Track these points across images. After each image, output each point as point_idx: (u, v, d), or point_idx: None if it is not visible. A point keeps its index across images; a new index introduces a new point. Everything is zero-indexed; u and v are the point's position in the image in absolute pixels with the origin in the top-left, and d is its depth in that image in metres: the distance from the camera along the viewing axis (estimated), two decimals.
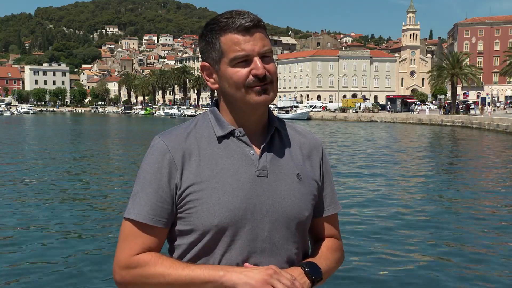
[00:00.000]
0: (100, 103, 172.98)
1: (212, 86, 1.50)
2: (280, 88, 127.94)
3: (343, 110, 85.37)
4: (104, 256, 7.85)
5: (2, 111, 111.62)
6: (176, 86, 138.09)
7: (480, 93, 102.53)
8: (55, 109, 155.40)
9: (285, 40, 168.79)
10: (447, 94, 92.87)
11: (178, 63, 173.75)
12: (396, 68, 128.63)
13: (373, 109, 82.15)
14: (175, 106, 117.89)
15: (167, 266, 1.38)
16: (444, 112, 64.56)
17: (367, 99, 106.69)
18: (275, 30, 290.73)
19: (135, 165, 19.12)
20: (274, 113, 1.46)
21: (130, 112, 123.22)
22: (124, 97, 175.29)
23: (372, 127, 53.15)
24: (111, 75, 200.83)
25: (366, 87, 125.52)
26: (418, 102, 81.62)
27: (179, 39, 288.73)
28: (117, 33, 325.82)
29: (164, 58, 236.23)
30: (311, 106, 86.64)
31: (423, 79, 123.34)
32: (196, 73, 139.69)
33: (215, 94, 1.55)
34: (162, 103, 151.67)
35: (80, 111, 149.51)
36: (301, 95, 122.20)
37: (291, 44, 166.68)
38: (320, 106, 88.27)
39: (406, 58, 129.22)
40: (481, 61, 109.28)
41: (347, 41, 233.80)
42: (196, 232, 1.42)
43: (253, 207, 1.42)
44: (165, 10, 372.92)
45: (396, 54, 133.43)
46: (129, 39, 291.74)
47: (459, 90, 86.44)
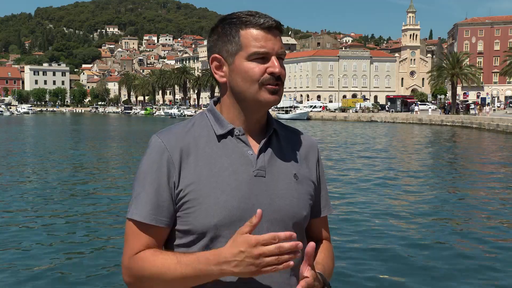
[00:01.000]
0: (100, 103, 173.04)
1: (220, 79, 1.50)
2: None
3: (343, 110, 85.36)
4: (104, 256, 7.85)
5: (2, 111, 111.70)
6: (176, 86, 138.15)
7: (480, 93, 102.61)
8: (55, 109, 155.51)
9: (285, 40, 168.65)
10: (447, 94, 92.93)
11: (178, 63, 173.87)
12: (396, 68, 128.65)
13: (373, 109, 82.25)
14: (175, 106, 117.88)
15: (160, 263, 1.37)
16: (443, 112, 64.56)
17: (367, 99, 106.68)
18: None
19: (135, 165, 19.11)
20: (274, 113, 1.57)
21: (130, 112, 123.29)
22: (124, 97, 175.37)
23: (372, 127, 53.14)
24: (111, 75, 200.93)
25: (366, 87, 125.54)
26: (418, 102, 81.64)
27: (179, 39, 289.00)
28: (117, 33, 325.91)
29: (164, 58, 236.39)
30: (311, 106, 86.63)
31: (423, 79, 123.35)
32: (196, 73, 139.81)
33: (215, 94, 2.13)
34: (162, 103, 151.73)
35: (80, 111, 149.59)
36: (301, 95, 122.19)
37: (291, 44, 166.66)
38: (320, 106, 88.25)
39: (406, 58, 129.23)
40: (481, 61, 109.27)
41: (347, 41, 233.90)
42: (195, 232, 1.43)
43: (251, 207, 1.42)
44: (165, 10, 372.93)
45: (396, 54, 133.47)
46: (129, 39, 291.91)
47: (459, 90, 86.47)
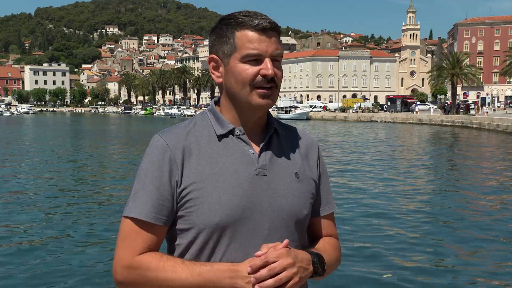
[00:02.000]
0: (100, 103, 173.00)
1: (217, 80, 1.50)
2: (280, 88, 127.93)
3: (343, 110, 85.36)
4: (103, 256, 7.85)
5: (2, 111, 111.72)
6: (176, 86, 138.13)
7: (480, 93, 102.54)
8: (55, 109, 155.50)
9: (285, 40, 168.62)
10: (447, 94, 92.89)
11: (178, 63, 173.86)
12: (396, 68, 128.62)
13: (373, 109, 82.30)
14: (175, 106, 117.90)
15: (169, 270, 1.37)
16: (443, 112, 64.56)
17: (367, 99, 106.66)
18: None
19: (135, 165, 19.10)
20: (274, 113, 1.57)
21: (130, 112, 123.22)
22: (124, 97, 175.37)
23: (372, 127, 53.14)
24: (111, 75, 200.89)
25: (366, 87, 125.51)
26: (418, 102, 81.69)
27: (179, 39, 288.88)
28: (117, 33, 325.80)
29: (164, 58, 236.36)
30: (311, 106, 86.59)
31: (423, 79, 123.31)
32: (196, 73, 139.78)
33: (215, 94, 2.18)
34: (162, 103, 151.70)
35: (80, 111, 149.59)
36: (301, 95, 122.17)
37: (291, 44, 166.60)
38: (320, 106, 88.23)
39: (406, 58, 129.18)
40: (481, 61, 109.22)
41: (347, 41, 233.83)
42: (196, 230, 1.43)
43: (253, 205, 1.43)
44: (165, 10, 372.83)
45: (396, 54, 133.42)
46: (129, 39, 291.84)
47: (459, 90, 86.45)
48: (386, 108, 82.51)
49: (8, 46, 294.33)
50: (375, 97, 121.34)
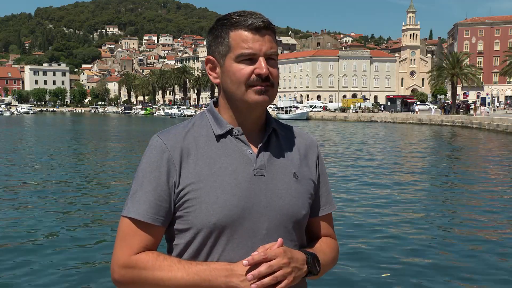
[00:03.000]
0: (100, 103, 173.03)
1: (214, 80, 1.51)
2: (280, 88, 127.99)
3: (343, 110, 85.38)
4: (103, 256, 7.85)
5: (2, 111, 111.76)
6: (176, 86, 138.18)
7: (480, 93, 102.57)
8: (55, 109, 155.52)
9: (285, 40, 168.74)
10: (447, 94, 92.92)
11: (178, 63, 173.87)
12: (396, 68, 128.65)
13: (373, 109, 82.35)
14: (175, 106, 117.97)
15: (166, 269, 1.38)
16: (443, 112, 64.57)
17: (367, 99, 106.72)
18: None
19: (135, 165, 19.09)
20: (274, 113, 1.57)
21: (130, 112, 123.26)
22: (124, 97, 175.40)
23: (372, 127, 53.13)
24: (111, 75, 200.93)
25: (366, 87, 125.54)
26: (418, 102, 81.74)
27: (179, 39, 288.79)
28: (117, 33, 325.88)
29: (164, 58, 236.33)
30: (311, 106, 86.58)
31: (423, 79, 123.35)
32: (196, 73, 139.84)
33: (215, 94, 1.56)
34: (162, 103, 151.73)
35: (80, 111, 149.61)
36: (301, 95, 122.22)
37: (291, 44, 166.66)
38: (320, 106, 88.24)
39: (406, 58, 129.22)
40: (481, 61, 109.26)
41: (347, 41, 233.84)
42: (195, 231, 1.43)
43: (251, 205, 1.43)
44: (165, 10, 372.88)
45: (396, 54, 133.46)
46: (129, 39, 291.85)
47: (459, 90, 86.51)
48: (382, 109, 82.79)
49: (8, 46, 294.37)
50: (375, 97, 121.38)
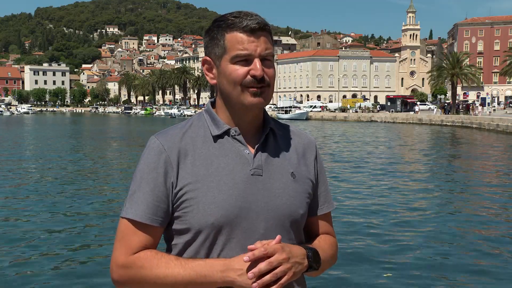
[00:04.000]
0: (100, 103, 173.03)
1: (211, 81, 1.52)
2: (280, 88, 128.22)
3: (343, 110, 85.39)
4: (103, 256, 7.84)
5: (2, 111, 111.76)
6: (176, 86, 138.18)
7: (480, 93, 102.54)
8: (55, 109, 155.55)
9: (285, 40, 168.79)
10: (447, 94, 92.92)
11: (178, 63, 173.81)
12: (396, 68, 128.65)
13: (373, 109, 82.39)
14: (175, 106, 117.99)
15: (163, 266, 1.39)
16: (443, 112, 64.59)
17: (367, 99, 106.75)
18: (275, 30, 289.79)
19: (135, 165, 19.09)
20: (274, 113, 1.55)
21: (130, 112, 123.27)
22: (124, 97, 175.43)
23: (372, 127, 53.12)
24: (111, 75, 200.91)
25: (366, 87, 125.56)
26: (418, 102, 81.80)
27: (179, 39, 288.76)
28: (117, 33, 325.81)
29: (164, 58, 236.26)
30: (311, 106, 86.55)
31: (423, 79, 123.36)
32: (196, 73, 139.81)
33: (215, 94, 1.58)
34: (162, 103, 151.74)
35: (80, 111, 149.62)
36: (301, 95, 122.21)
37: (291, 44, 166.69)
38: (320, 106, 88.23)
39: (406, 58, 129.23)
40: (481, 61, 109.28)
41: (347, 41, 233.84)
42: (192, 231, 1.44)
43: (248, 205, 1.44)
44: (165, 10, 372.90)
45: (396, 54, 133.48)
46: (129, 39, 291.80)
47: (459, 90, 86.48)
48: (379, 108, 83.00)
49: (8, 46, 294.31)
50: (375, 97, 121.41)
